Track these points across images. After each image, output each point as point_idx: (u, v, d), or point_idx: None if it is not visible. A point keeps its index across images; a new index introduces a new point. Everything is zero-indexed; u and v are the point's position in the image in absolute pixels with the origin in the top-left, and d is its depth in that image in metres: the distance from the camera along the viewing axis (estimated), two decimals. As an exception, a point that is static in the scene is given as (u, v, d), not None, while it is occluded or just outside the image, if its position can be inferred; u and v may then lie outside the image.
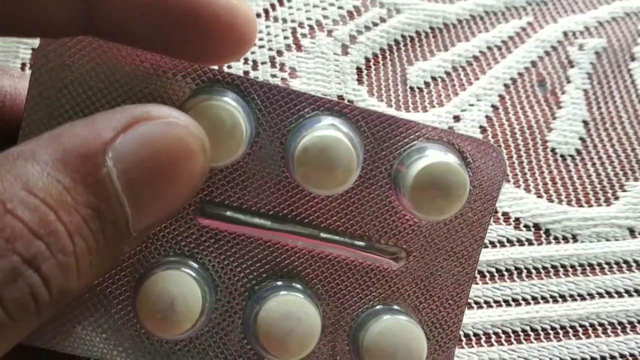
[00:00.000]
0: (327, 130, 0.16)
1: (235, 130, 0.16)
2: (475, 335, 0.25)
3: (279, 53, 0.31)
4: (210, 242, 0.17)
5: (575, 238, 0.27)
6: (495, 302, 0.25)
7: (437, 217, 0.17)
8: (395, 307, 0.18)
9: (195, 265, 0.17)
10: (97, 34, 0.17)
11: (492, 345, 0.24)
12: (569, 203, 0.28)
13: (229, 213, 0.17)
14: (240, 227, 0.17)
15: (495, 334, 0.25)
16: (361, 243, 0.18)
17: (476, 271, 0.18)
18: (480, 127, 0.30)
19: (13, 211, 0.13)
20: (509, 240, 0.27)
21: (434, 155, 0.17)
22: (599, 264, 0.27)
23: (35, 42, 0.31)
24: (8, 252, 0.12)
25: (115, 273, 0.17)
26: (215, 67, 0.17)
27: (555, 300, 0.26)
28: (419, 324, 0.17)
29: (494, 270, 0.26)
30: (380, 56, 0.32)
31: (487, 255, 0.26)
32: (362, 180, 0.17)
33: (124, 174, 0.14)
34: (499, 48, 0.32)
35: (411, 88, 0.31)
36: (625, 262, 0.27)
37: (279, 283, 0.17)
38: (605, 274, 0.26)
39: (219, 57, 0.18)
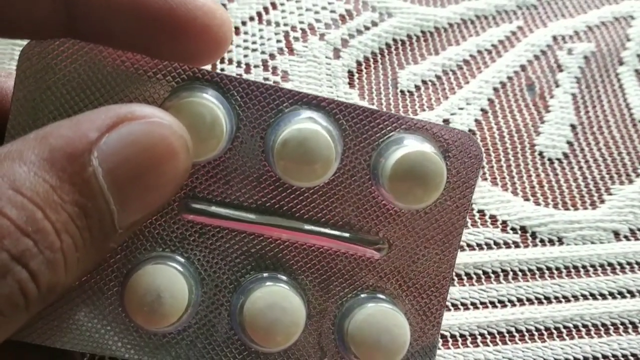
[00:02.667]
0: (306, 123, 0.17)
1: (216, 126, 0.16)
2: (462, 336, 0.25)
3: (272, 56, 0.32)
4: (195, 236, 0.18)
5: (561, 241, 0.28)
6: (481, 303, 0.26)
7: (416, 206, 0.18)
8: (379, 295, 0.18)
9: (182, 260, 0.18)
10: (79, 35, 0.18)
11: (477, 345, 0.25)
12: (555, 206, 0.28)
13: (212, 208, 0.18)
14: (224, 221, 0.18)
15: (481, 334, 0.25)
16: (344, 233, 0.18)
17: (456, 259, 0.18)
18: (470, 130, 0.30)
19: (1, 210, 0.13)
20: (495, 243, 0.27)
21: (411, 145, 0.17)
22: (584, 267, 0.27)
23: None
24: None
25: (103, 268, 0.17)
26: (195, 67, 0.17)
27: (540, 302, 0.26)
28: (402, 311, 0.18)
29: (480, 272, 0.27)
30: (371, 60, 0.32)
31: (474, 257, 0.27)
32: (342, 172, 0.18)
33: (109, 172, 0.14)
34: (489, 52, 0.33)
35: (402, 91, 0.31)
36: (610, 264, 0.27)
37: (264, 275, 0.18)
38: (590, 276, 0.27)
39: (197, 57, 0.18)
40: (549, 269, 0.27)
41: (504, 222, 0.28)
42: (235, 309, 0.18)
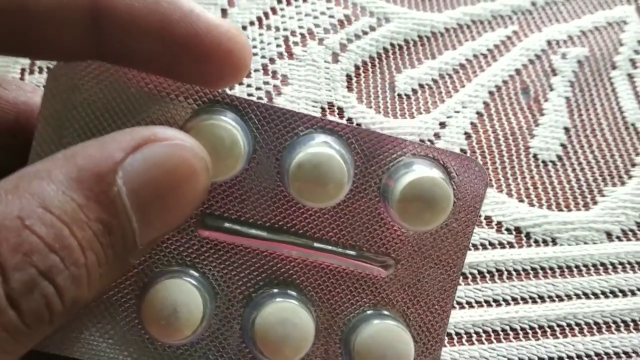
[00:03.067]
0: (320, 147, 0.17)
1: (234, 147, 0.17)
2: (457, 334, 0.26)
3: (272, 61, 0.32)
4: (210, 252, 0.18)
5: (554, 241, 0.28)
6: (476, 302, 0.27)
7: (423, 228, 0.18)
8: (385, 312, 0.19)
9: (197, 274, 0.18)
10: (106, 57, 0.18)
11: (472, 344, 0.26)
12: (549, 207, 0.29)
13: (228, 225, 0.18)
14: (238, 238, 0.18)
15: (476, 333, 0.26)
16: (352, 252, 0.19)
17: (460, 278, 0.19)
18: (465, 133, 0.31)
19: (31, 227, 0.13)
20: (490, 243, 0.28)
21: (420, 170, 0.18)
22: (577, 266, 0.28)
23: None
24: (26, 265, 0.13)
25: (121, 282, 0.18)
26: (216, 91, 0.18)
27: (534, 301, 0.27)
28: (407, 328, 0.18)
29: (475, 272, 0.27)
30: (369, 64, 0.33)
31: (469, 257, 0.27)
32: (353, 194, 0.18)
33: (132, 192, 0.15)
34: (485, 56, 0.34)
35: (399, 95, 0.32)
36: (602, 264, 0.28)
37: (275, 290, 0.19)
38: (583, 276, 0.27)
39: (219, 80, 0.19)
40: (542, 268, 0.27)
41: (499, 223, 0.28)
42: (247, 323, 0.18)
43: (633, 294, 0.27)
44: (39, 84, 0.30)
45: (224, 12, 0.34)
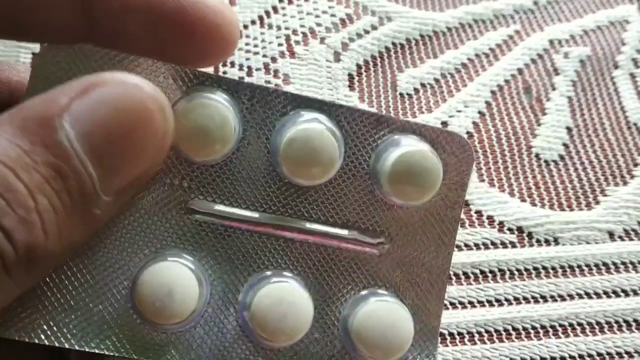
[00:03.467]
0: (311, 123, 0.18)
1: (225, 126, 0.17)
2: (459, 334, 0.26)
3: (273, 60, 0.32)
4: (202, 235, 0.18)
5: (556, 241, 0.28)
6: (478, 302, 0.26)
7: (414, 202, 0.18)
8: (381, 290, 0.19)
9: (190, 258, 0.18)
10: (96, 38, 0.18)
11: (475, 343, 0.25)
12: (551, 207, 0.29)
13: (219, 208, 0.18)
14: (230, 221, 0.18)
15: (479, 332, 0.26)
16: (345, 231, 0.19)
17: (453, 254, 0.19)
18: (467, 132, 0.31)
19: None
20: (492, 243, 0.28)
21: (409, 145, 0.18)
22: (579, 266, 0.28)
23: (35, 46, 0.32)
24: None
25: (110, 265, 0.18)
26: (205, 71, 0.18)
27: (536, 301, 0.27)
28: (403, 305, 0.18)
29: (477, 271, 0.27)
30: (371, 63, 0.33)
31: (471, 257, 0.27)
32: (343, 172, 0.18)
33: (82, 135, 0.14)
34: (487, 55, 0.33)
35: (401, 94, 0.32)
36: (605, 264, 0.28)
37: (269, 273, 0.18)
38: (585, 275, 0.27)
39: (207, 56, 0.19)
40: (545, 268, 0.27)
41: (501, 223, 0.28)
42: (242, 306, 0.18)
43: (635, 293, 0.27)
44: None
45: (225, 11, 0.34)
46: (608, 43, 0.34)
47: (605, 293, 0.27)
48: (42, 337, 0.17)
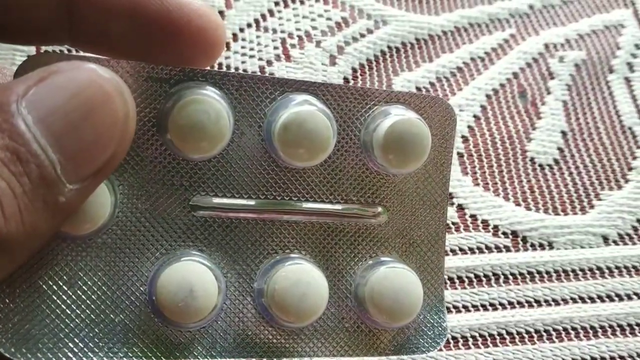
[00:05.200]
0: (302, 106, 0.18)
1: (220, 120, 0.17)
2: (454, 338, 0.26)
3: (269, 63, 0.32)
4: (209, 230, 0.18)
5: (551, 245, 0.28)
6: (473, 306, 0.27)
7: (407, 170, 0.19)
8: (386, 258, 0.19)
9: (202, 254, 0.18)
10: (81, 39, 0.18)
11: (469, 348, 0.26)
12: (545, 211, 0.29)
13: (221, 201, 0.18)
14: (233, 212, 0.18)
15: (473, 337, 0.26)
16: (343, 207, 0.19)
17: (447, 218, 0.20)
18: (462, 136, 0.31)
19: None
20: (487, 247, 0.28)
21: (397, 114, 0.18)
22: (573, 271, 0.28)
23: (31, 49, 0.32)
24: None
25: (124, 274, 0.18)
26: (189, 68, 0.18)
27: (530, 305, 0.27)
28: (410, 268, 0.19)
29: (472, 275, 0.27)
30: (367, 67, 0.33)
31: (465, 261, 0.27)
32: (336, 149, 0.19)
33: (40, 120, 0.14)
34: (482, 59, 0.34)
35: (396, 98, 0.32)
36: (599, 268, 0.28)
37: (278, 257, 0.19)
38: (579, 280, 0.27)
39: (192, 60, 0.19)
40: (539, 272, 0.27)
41: (496, 227, 0.28)
42: (259, 293, 0.18)
43: (629, 298, 0.27)
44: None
45: (221, 14, 0.34)
46: (603, 47, 0.34)
47: (600, 297, 0.27)
48: (70, 355, 0.17)
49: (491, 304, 0.27)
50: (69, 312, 0.17)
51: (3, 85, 0.15)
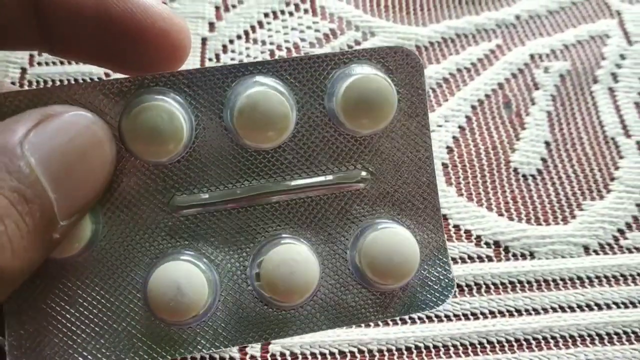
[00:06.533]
0: (253, 88, 0.18)
1: (174, 120, 0.17)
2: (435, 347, 0.26)
3: (257, 74, 0.33)
4: (193, 227, 0.19)
5: (532, 255, 0.29)
6: (455, 315, 0.27)
7: (378, 127, 0.18)
8: (378, 220, 0.19)
9: (191, 252, 0.19)
10: (49, 46, 0.19)
11: (450, 357, 0.26)
12: (528, 221, 0.30)
13: (200, 197, 0.19)
14: (213, 206, 0.19)
15: (454, 346, 0.26)
16: (326, 178, 0.19)
17: (433, 159, 0.19)
18: (447, 147, 0.31)
19: None
20: (470, 257, 0.28)
21: (354, 74, 0.18)
22: (554, 280, 0.28)
23: (24, 61, 0.32)
24: None
25: (120, 284, 0.18)
26: (141, 76, 0.18)
27: (511, 315, 0.27)
28: (403, 226, 0.19)
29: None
30: (354, 78, 0.33)
31: (448, 271, 0.28)
32: (303, 122, 0.19)
33: (41, 162, 0.15)
34: (468, 70, 0.34)
35: (383, 109, 0.32)
36: (579, 278, 0.28)
37: (264, 241, 0.19)
38: (560, 289, 0.28)
39: (158, 63, 0.19)
40: (520, 282, 0.28)
41: (478, 237, 0.29)
42: (253, 279, 0.19)
43: (608, 307, 0.28)
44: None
45: (211, 26, 0.34)
46: (588, 58, 0.35)
47: (579, 307, 0.28)
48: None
49: (472, 314, 0.27)
50: (74, 328, 0.18)
51: (3, 127, 0.15)
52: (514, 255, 0.29)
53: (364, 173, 0.19)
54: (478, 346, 0.26)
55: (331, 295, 0.19)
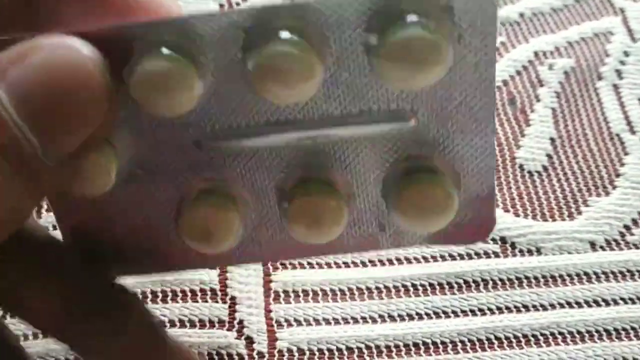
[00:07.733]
0: (280, 43, 0.16)
1: (186, 69, 0.16)
2: (442, 343, 0.26)
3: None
4: (226, 162, 0.18)
5: (539, 251, 0.29)
6: (461, 311, 0.27)
7: (425, 83, 0.16)
8: (419, 161, 0.18)
9: (223, 189, 0.18)
10: (37, 26, 0.18)
11: (458, 352, 0.26)
12: (534, 217, 0.30)
13: (237, 131, 0.18)
14: (252, 140, 0.18)
15: (461, 342, 0.26)
16: (365, 117, 0.17)
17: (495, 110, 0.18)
18: (452, 144, 0.31)
19: None
20: (476, 253, 0.28)
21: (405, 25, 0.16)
22: (561, 276, 0.28)
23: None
24: None
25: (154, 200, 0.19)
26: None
27: (518, 310, 0.27)
28: (444, 176, 0.18)
29: (461, 281, 0.28)
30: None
31: (455, 267, 0.28)
32: (339, 63, 0.17)
33: (20, 102, 0.14)
34: (473, 67, 0.34)
35: (387, 106, 0.32)
36: (586, 274, 0.28)
37: (303, 177, 0.18)
38: (567, 285, 0.28)
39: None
40: (527, 278, 0.28)
41: (485, 233, 0.29)
42: (282, 215, 0.19)
43: (616, 303, 0.27)
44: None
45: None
46: (592, 54, 0.35)
47: (586, 302, 0.27)
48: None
49: (480, 309, 0.27)
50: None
51: None
52: (521, 251, 0.29)
53: (407, 113, 0.17)
54: (486, 342, 0.26)
55: (361, 232, 0.19)
